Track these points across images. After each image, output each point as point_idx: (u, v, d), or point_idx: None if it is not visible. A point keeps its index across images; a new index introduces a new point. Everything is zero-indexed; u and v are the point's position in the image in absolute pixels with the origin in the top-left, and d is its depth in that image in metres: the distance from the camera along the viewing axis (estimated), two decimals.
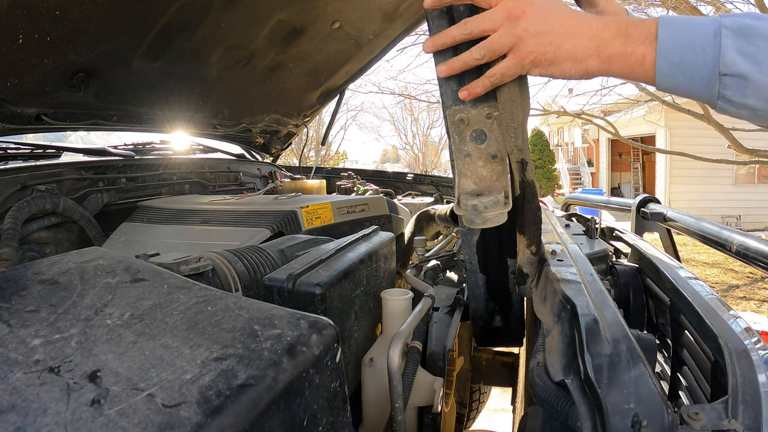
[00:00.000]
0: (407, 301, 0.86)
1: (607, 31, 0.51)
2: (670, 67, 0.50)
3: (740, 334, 0.57)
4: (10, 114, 1.40)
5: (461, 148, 0.62)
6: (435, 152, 27.30)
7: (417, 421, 0.84)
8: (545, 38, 0.51)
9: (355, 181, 2.56)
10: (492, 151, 0.62)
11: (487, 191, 0.60)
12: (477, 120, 0.60)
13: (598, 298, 0.59)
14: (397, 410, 0.66)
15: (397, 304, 0.85)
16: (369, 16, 2.00)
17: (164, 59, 1.63)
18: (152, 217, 1.49)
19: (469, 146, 0.62)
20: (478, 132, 0.61)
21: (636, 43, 0.51)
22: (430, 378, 0.81)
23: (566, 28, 0.51)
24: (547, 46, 0.51)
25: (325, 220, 1.43)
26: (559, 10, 0.51)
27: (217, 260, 0.80)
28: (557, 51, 0.51)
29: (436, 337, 0.92)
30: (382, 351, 0.82)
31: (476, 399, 1.97)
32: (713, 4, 6.45)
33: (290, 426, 0.38)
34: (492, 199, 0.58)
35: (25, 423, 0.30)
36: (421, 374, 0.81)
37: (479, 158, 0.62)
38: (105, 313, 0.44)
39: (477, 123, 0.60)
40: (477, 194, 0.60)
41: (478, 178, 0.63)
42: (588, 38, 0.51)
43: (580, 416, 0.41)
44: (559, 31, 0.51)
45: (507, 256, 0.79)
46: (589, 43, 0.51)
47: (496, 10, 0.51)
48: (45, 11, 1.15)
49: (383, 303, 0.86)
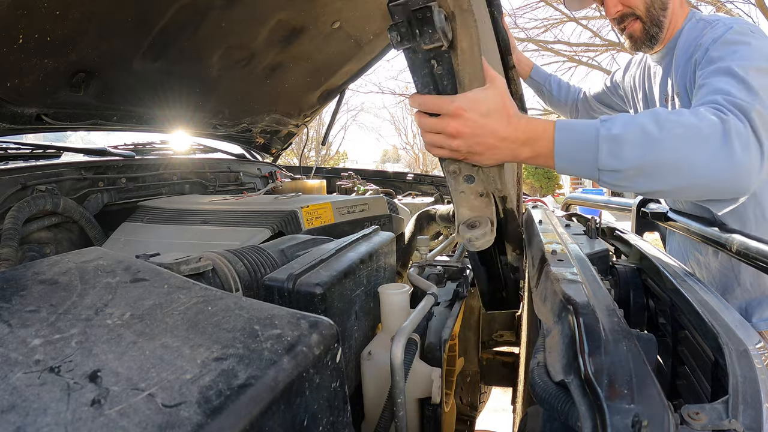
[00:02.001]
0: (405, 295, 0.86)
1: (517, 144, 0.72)
2: (564, 163, 0.74)
3: (740, 334, 0.57)
4: (11, 114, 1.40)
5: (456, 188, 0.80)
6: None
7: (419, 413, 0.84)
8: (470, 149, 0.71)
9: (355, 181, 2.56)
10: (480, 189, 0.79)
11: (478, 221, 0.79)
12: (466, 168, 0.77)
13: (599, 298, 0.59)
14: (399, 406, 0.67)
15: (395, 298, 0.85)
16: (369, 15, 2.00)
17: (164, 59, 1.63)
18: (152, 217, 1.49)
19: (462, 186, 0.79)
20: (468, 176, 0.78)
21: (539, 149, 0.73)
22: (428, 369, 0.81)
23: (484, 144, 0.71)
24: (470, 154, 0.72)
25: (326, 220, 1.44)
26: (484, 132, 0.70)
27: (218, 260, 0.80)
28: (482, 159, 0.73)
29: (435, 329, 0.92)
30: (381, 345, 0.82)
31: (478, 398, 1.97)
32: (713, 4, 6.46)
33: (290, 426, 0.38)
34: (481, 232, 0.78)
35: (26, 423, 0.30)
36: (419, 365, 0.81)
37: (471, 194, 0.79)
38: (105, 313, 0.44)
39: (467, 170, 0.78)
40: (471, 225, 0.79)
41: (471, 207, 0.80)
42: (506, 151, 0.72)
43: (580, 416, 0.41)
44: (483, 147, 0.71)
45: (501, 255, 1.08)
46: (505, 154, 0.72)
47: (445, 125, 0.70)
48: (45, 11, 1.15)
49: (381, 298, 0.86)
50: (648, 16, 1.15)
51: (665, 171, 0.72)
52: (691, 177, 0.73)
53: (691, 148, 0.72)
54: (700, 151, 0.73)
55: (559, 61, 8.83)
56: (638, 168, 0.71)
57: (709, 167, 0.73)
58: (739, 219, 1.13)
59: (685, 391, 0.70)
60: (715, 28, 1.05)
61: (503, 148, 0.71)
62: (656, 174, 0.72)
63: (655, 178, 0.73)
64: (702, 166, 0.73)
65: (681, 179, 0.73)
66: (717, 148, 0.73)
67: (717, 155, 0.73)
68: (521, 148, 0.72)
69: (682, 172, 0.73)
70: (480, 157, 0.72)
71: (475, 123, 0.69)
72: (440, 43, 0.62)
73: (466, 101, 0.68)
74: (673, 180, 0.73)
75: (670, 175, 0.73)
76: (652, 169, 0.72)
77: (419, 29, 0.61)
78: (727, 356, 0.52)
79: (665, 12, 1.15)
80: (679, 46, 1.14)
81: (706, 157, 0.73)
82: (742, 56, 0.93)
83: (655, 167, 0.72)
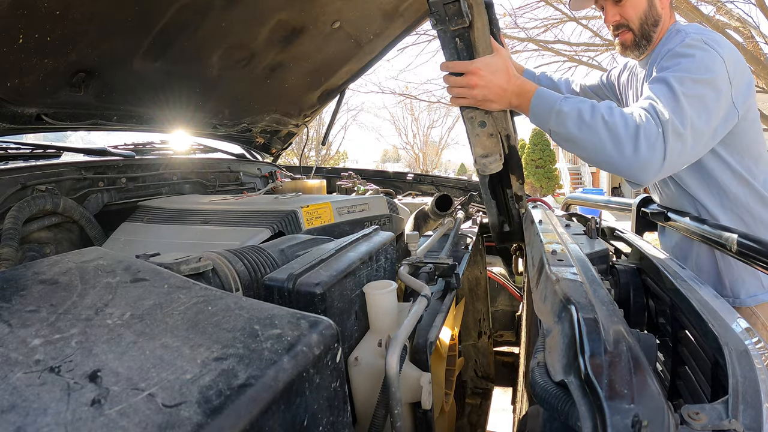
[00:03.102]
0: (392, 293, 0.83)
1: (512, 95, 1.07)
2: (533, 118, 1.09)
3: (740, 334, 0.57)
4: (11, 114, 1.40)
5: (473, 131, 1.11)
6: (435, 152, 27.28)
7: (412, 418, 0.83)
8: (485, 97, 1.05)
9: (355, 181, 2.55)
10: (491, 131, 1.10)
11: (489, 153, 1.11)
12: (480, 115, 1.10)
13: (598, 298, 0.59)
14: (396, 417, 0.65)
15: (381, 297, 0.82)
16: (369, 15, 2.00)
17: (165, 59, 1.63)
18: (153, 217, 1.49)
19: (477, 129, 1.11)
20: (482, 122, 1.10)
21: (523, 102, 1.08)
22: (418, 373, 0.79)
23: (493, 93, 1.05)
24: (484, 101, 1.06)
25: (326, 220, 1.43)
26: (493, 84, 1.04)
27: (218, 260, 0.80)
28: (492, 105, 1.07)
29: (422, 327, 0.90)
30: (368, 348, 0.80)
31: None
32: (714, 4, 6.46)
33: (290, 426, 0.38)
34: (493, 158, 1.10)
35: (26, 423, 0.30)
36: (408, 369, 0.79)
37: (483, 135, 1.10)
38: (105, 313, 0.44)
39: (480, 117, 1.10)
40: (484, 156, 1.11)
41: (483, 145, 1.11)
42: (505, 99, 1.06)
43: (580, 416, 0.41)
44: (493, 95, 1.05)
45: (506, 187, 1.29)
46: (506, 101, 1.07)
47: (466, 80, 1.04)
48: (45, 11, 1.15)
49: (367, 299, 0.83)
50: (640, 30, 1.29)
51: (585, 146, 1.03)
52: (600, 157, 1.02)
53: (605, 137, 0.99)
54: (611, 142, 0.99)
55: (559, 61, 8.83)
56: (568, 137, 1.04)
57: (614, 155, 0.99)
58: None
59: (685, 391, 0.70)
60: (674, 40, 1.21)
61: (504, 97, 1.05)
62: (578, 146, 1.04)
63: (577, 148, 1.05)
64: (608, 154, 1.00)
65: (594, 156, 1.03)
66: (625, 143, 0.98)
67: (623, 148, 0.98)
68: (514, 98, 1.07)
69: (595, 151, 1.02)
70: (491, 103, 1.05)
71: (486, 78, 1.02)
72: (464, 24, 0.94)
73: (481, 63, 1.02)
74: (589, 154, 1.04)
75: (587, 149, 1.03)
76: (576, 141, 1.03)
77: (448, 16, 0.93)
78: (727, 356, 0.52)
79: (656, 28, 1.28)
80: (655, 54, 1.29)
81: (613, 148, 0.99)
82: (682, 68, 1.07)
83: (578, 141, 1.03)
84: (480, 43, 1.00)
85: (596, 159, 1.03)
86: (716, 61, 1.07)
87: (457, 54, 1.04)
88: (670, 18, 1.30)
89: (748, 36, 6.36)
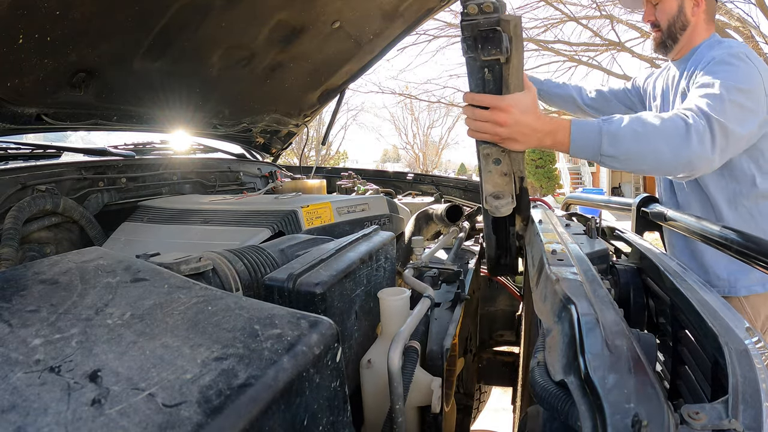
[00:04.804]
0: (405, 300, 0.85)
1: (543, 134, 1.02)
2: (576, 149, 1.07)
3: (741, 334, 0.57)
4: (11, 114, 1.40)
5: (486, 168, 1.04)
6: (435, 152, 27.29)
7: (419, 421, 0.84)
8: (509, 135, 0.97)
9: (355, 180, 2.55)
10: (504, 170, 1.03)
11: (501, 194, 1.04)
12: (496, 153, 1.02)
13: (598, 297, 0.59)
14: (397, 412, 0.66)
15: (394, 303, 0.84)
16: (369, 15, 2.00)
17: (165, 59, 1.63)
18: (153, 217, 1.49)
19: (491, 166, 1.03)
20: (497, 159, 1.03)
21: (559, 139, 1.06)
22: (429, 378, 0.80)
23: (520, 133, 0.97)
24: (508, 140, 0.99)
25: (326, 220, 1.43)
26: (522, 124, 0.96)
27: (218, 260, 0.80)
28: (516, 144, 0.99)
29: (436, 335, 0.92)
30: (380, 352, 0.81)
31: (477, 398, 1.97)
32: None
33: (290, 426, 0.38)
34: (505, 201, 1.04)
35: (26, 423, 0.30)
36: (420, 374, 0.80)
37: (496, 173, 1.04)
38: (105, 312, 0.44)
39: (496, 154, 1.02)
40: (496, 197, 1.04)
41: (495, 184, 1.04)
42: (534, 139, 1.01)
43: (580, 416, 0.41)
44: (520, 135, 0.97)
45: (509, 225, 1.27)
46: (533, 141, 1.01)
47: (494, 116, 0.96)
48: (45, 11, 1.15)
49: (381, 304, 0.86)
50: (667, 31, 1.45)
51: (645, 158, 1.08)
52: (661, 160, 1.08)
53: (661, 142, 1.07)
54: (667, 144, 1.07)
55: (559, 61, 8.83)
56: (628, 155, 1.07)
57: (672, 153, 1.07)
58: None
59: (685, 391, 0.70)
60: (718, 49, 1.32)
61: (533, 137, 1.00)
62: (637, 160, 1.08)
63: (635, 163, 1.09)
64: (667, 153, 1.07)
65: (654, 165, 1.10)
66: (678, 142, 1.07)
67: (678, 146, 1.07)
68: (545, 137, 1.03)
69: (656, 160, 1.08)
70: (515, 143, 0.99)
71: (516, 117, 0.95)
72: (497, 56, 0.85)
73: (513, 101, 0.95)
74: (650, 165, 1.10)
75: (647, 161, 1.08)
76: (635, 157, 1.07)
77: (482, 45, 0.83)
78: (727, 356, 0.52)
79: (683, 31, 1.44)
80: (695, 58, 1.42)
81: (670, 148, 1.07)
82: (727, 76, 1.19)
83: (637, 155, 1.07)
84: (513, 79, 0.92)
85: (656, 167, 1.11)
86: (755, 75, 1.21)
87: (483, 85, 0.93)
88: (707, 29, 1.45)
89: (748, 36, 6.36)
